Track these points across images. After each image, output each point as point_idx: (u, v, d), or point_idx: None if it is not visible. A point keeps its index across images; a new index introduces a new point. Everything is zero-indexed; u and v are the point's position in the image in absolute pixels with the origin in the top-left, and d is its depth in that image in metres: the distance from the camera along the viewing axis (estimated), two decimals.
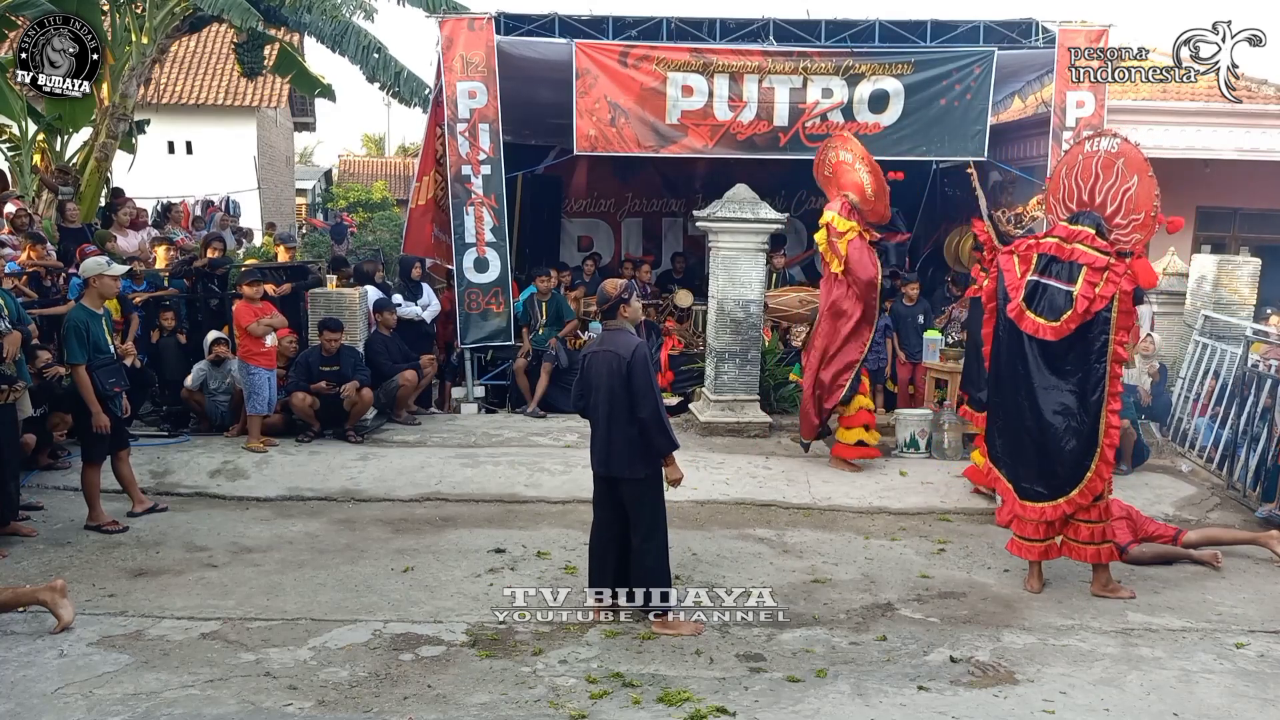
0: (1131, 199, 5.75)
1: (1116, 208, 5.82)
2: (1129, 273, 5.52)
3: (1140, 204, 5.67)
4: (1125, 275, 5.51)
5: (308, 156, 39.35)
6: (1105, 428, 5.64)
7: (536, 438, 8.86)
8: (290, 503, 7.26)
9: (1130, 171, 5.76)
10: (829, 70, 9.88)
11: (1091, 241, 5.63)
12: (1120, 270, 5.51)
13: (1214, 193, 12.37)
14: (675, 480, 5.16)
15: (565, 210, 13.87)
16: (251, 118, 22.40)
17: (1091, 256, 5.57)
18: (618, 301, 5.19)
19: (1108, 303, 5.52)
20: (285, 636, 5.02)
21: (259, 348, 8.23)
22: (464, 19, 9.88)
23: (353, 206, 30.94)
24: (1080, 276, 5.55)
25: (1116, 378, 5.67)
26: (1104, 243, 5.63)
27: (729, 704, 4.38)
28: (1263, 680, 4.80)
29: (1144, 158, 5.81)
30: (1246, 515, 7.36)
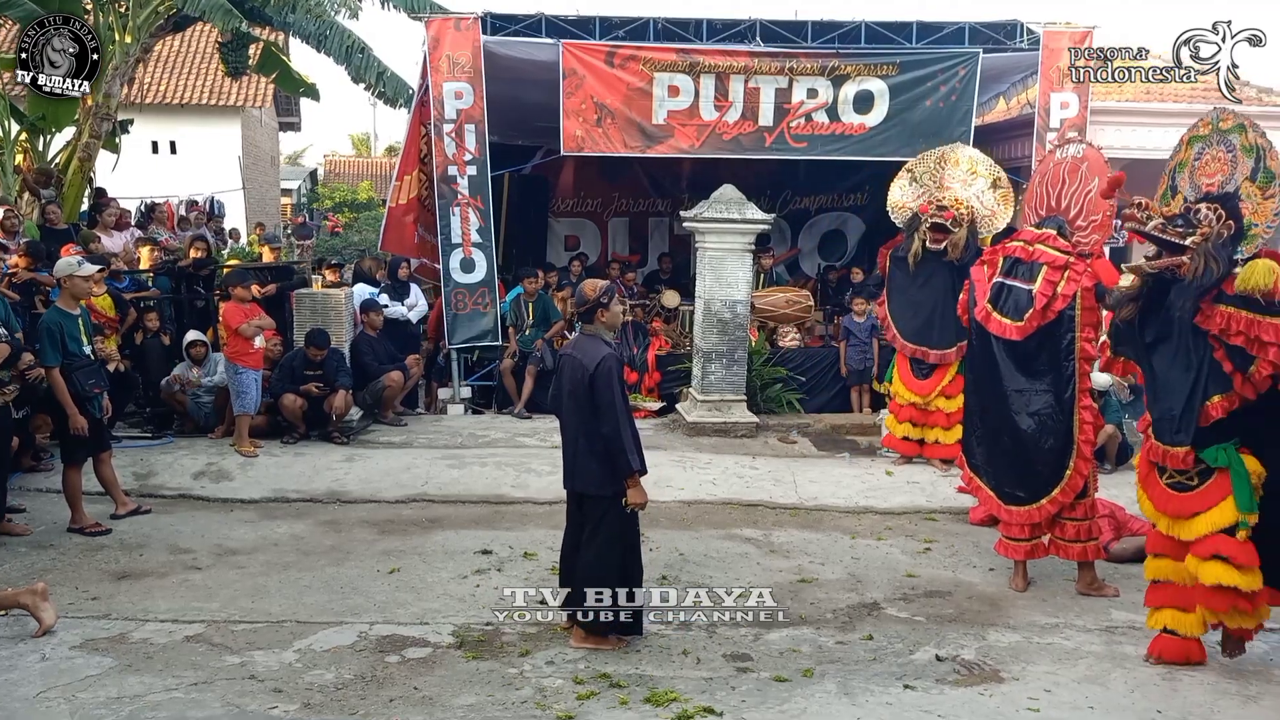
0: (1091, 201, 5.83)
1: (1079, 210, 5.91)
2: (1089, 271, 5.61)
3: (1099, 205, 5.73)
4: (1086, 273, 5.60)
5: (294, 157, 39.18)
6: (1080, 424, 5.72)
7: (523, 438, 8.84)
8: (275, 504, 7.23)
9: (1092, 174, 5.85)
10: (814, 71, 9.90)
11: (1053, 242, 5.74)
12: (1080, 269, 5.63)
13: None
14: (635, 504, 4.82)
15: (552, 210, 13.85)
16: (236, 117, 22.29)
17: (1052, 256, 5.69)
18: (595, 305, 4.92)
19: (1070, 301, 5.63)
20: (270, 639, 5.00)
21: (247, 348, 8.19)
22: (450, 19, 9.85)
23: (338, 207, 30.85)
24: (1040, 275, 5.65)
25: (1086, 375, 5.74)
26: (1065, 243, 5.72)
27: (716, 704, 4.39)
28: (1245, 677, 4.83)
29: (1105, 160, 5.90)
30: None
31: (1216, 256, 4.55)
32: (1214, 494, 4.67)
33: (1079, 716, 4.41)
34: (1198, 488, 4.73)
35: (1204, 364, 4.63)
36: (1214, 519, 4.66)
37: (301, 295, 9.19)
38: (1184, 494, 4.77)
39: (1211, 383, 4.61)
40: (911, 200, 8.39)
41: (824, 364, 10.10)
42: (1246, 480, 4.61)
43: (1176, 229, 4.74)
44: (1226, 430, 4.64)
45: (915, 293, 8.33)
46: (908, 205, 8.42)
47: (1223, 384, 4.59)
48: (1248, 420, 4.61)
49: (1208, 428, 4.64)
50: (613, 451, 4.75)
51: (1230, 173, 4.76)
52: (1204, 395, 4.63)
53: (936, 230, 8.05)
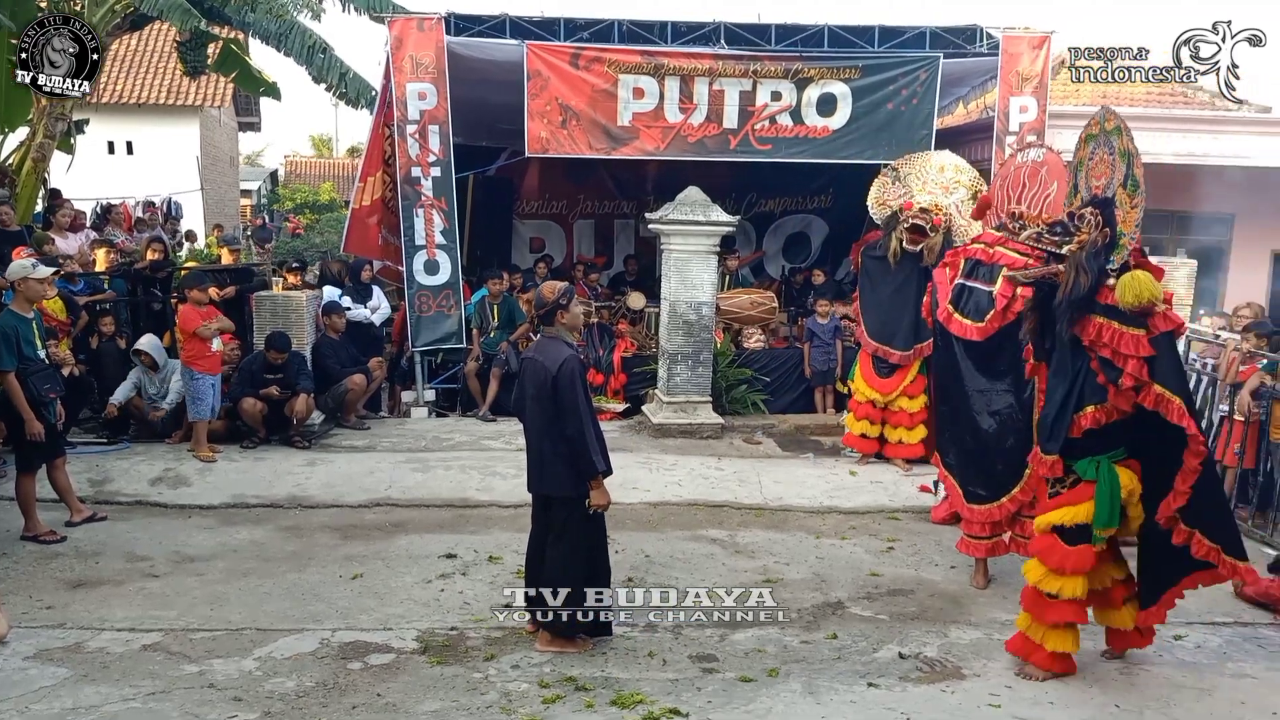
0: (1050, 204, 5.91)
1: (1037, 213, 5.97)
2: None
3: (1057, 208, 5.81)
4: None
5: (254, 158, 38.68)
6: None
7: (488, 441, 8.80)
8: (235, 510, 7.13)
9: (1051, 178, 5.93)
10: (778, 74, 9.96)
11: (1012, 244, 5.79)
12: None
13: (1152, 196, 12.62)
14: (598, 505, 4.81)
15: (517, 212, 13.80)
16: (194, 117, 21.98)
17: (1011, 258, 5.73)
18: (555, 307, 4.87)
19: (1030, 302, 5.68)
20: (230, 647, 4.93)
21: (203, 352, 8.06)
22: (413, 19, 9.78)
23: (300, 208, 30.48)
24: (1000, 277, 5.72)
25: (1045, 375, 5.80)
26: (1023, 245, 5.77)
27: (682, 705, 4.39)
28: (1200, 671, 4.93)
29: (1064, 164, 5.97)
30: None
31: (1085, 267, 4.49)
32: (1074, 496, 4.67)
33: (1039, 712, 4.47)
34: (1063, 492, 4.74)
35: (1080, 374, 4.60)
36: (1057, 515, 4.69)
37: (262, 298, 9.07)
38: (1053, 501, 4.79)
39: (1087, 393, 4.58)
40: (893, 198, 8.43)
41: (788, 365, 10.16)
42: (1109, 496, 4.57)
43: (1053, 238, 4.71)
44: (1110, 441, 4.61)
45: (886, 292, 8.40)
46: (888, 203, 8.45)
47: (1098, 395, 4.55)
48: (1137, 433, 4.58)
49: (1088, 438, 4.59)
50: (577, 453, 4.73)
51: (1111, 176, 4.68)
52: (1077, 405, 4.59)
53: (915, 231, 8.11)
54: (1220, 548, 4.59)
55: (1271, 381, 7.06)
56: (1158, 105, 13.57)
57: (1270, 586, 5.75)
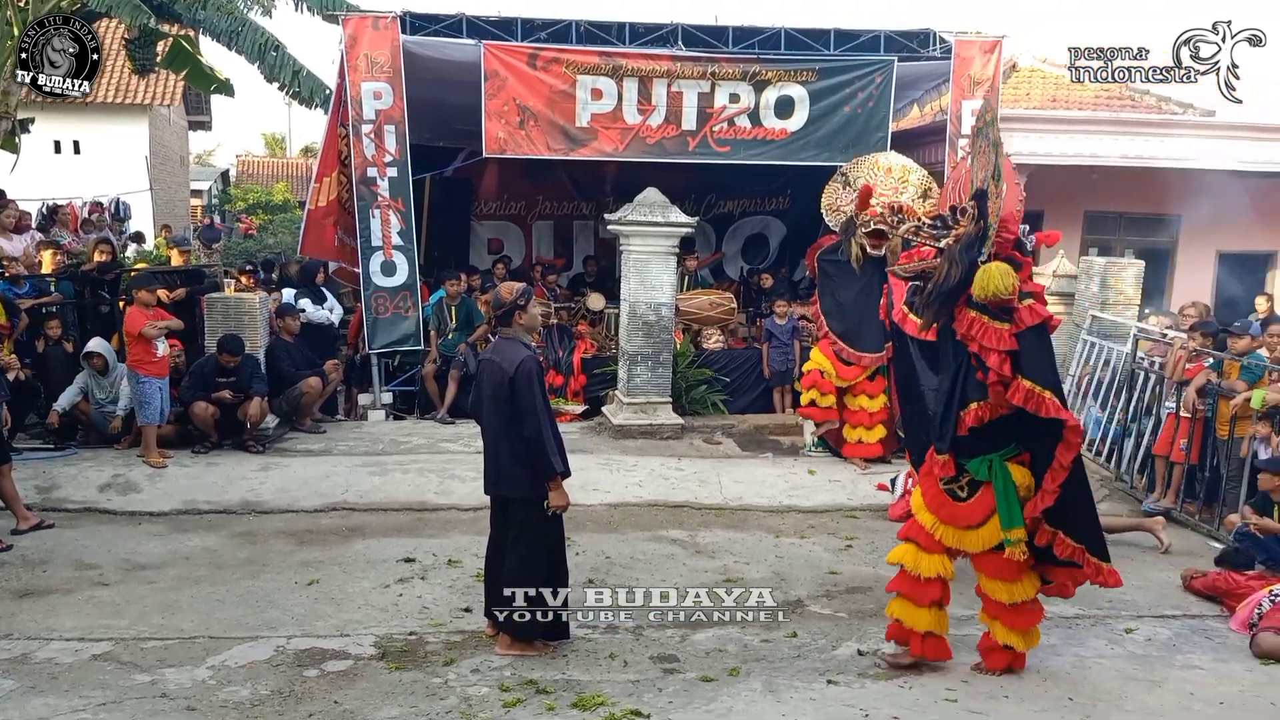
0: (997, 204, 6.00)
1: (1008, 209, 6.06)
2: None
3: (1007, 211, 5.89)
4: None
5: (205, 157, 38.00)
6: None
7: (446, 444, 8.73)
8: (186, 517, 7.00)
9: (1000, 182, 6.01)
10: (736, 76, 10.01)
11: None
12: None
13: (1101, 198, 12.97)
14: (557, 507, 4.79)
15: (475, 213, 13.71)
16: (144, 116, 21.54)
17: None
18: (512, 308, 4.84)
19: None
20: (182, 656, 4.84)
21: (150, 356, 7.90)
22: (368, 17, 9.67)
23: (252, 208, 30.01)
24: None
25: None
26: None
27: (643, 706, 4.39)
28: (1150, 663, 5.04)
29: (1013, 168, 6.07)
30: (1133, 506, 7.72)
31: (957, 260, 4.44)
32: (980, 509, 4.62)
33: (995, 706, 4.54)
34: (967, 500, 4.67)
35: (961, 370, 4.55)
36: (985, 537, 4.63)
37: (214, 300, 8.91)
38: (957, 504, 4.70)
39: (969, 390, 4.52)
40: (845, 203, 8.46)
41: (747, 365, 10.21)
42: (1008, 495, 4.51)
43: (930, 232, 4.66)
44: (1000, 438, 4.56)
45: (850, 295, 8.44)
46: (842, 208, 8.48)
47: (979, 391, 4.49)
48: (1027, 429, 4.50)
49: (976, 436, 4.55)
50: (535, 454, 4.71)
51: (987, 169, 4.62)
52: (961, 402, 4.54)
53: (876, 235, 8.07)
54: (1084, 548, 4.59)
55: (1217, 379, 7.24)
56: (1106, 109, 13.86)
57: (1217, 579, 5.89)
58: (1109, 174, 12.23)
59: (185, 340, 8.89)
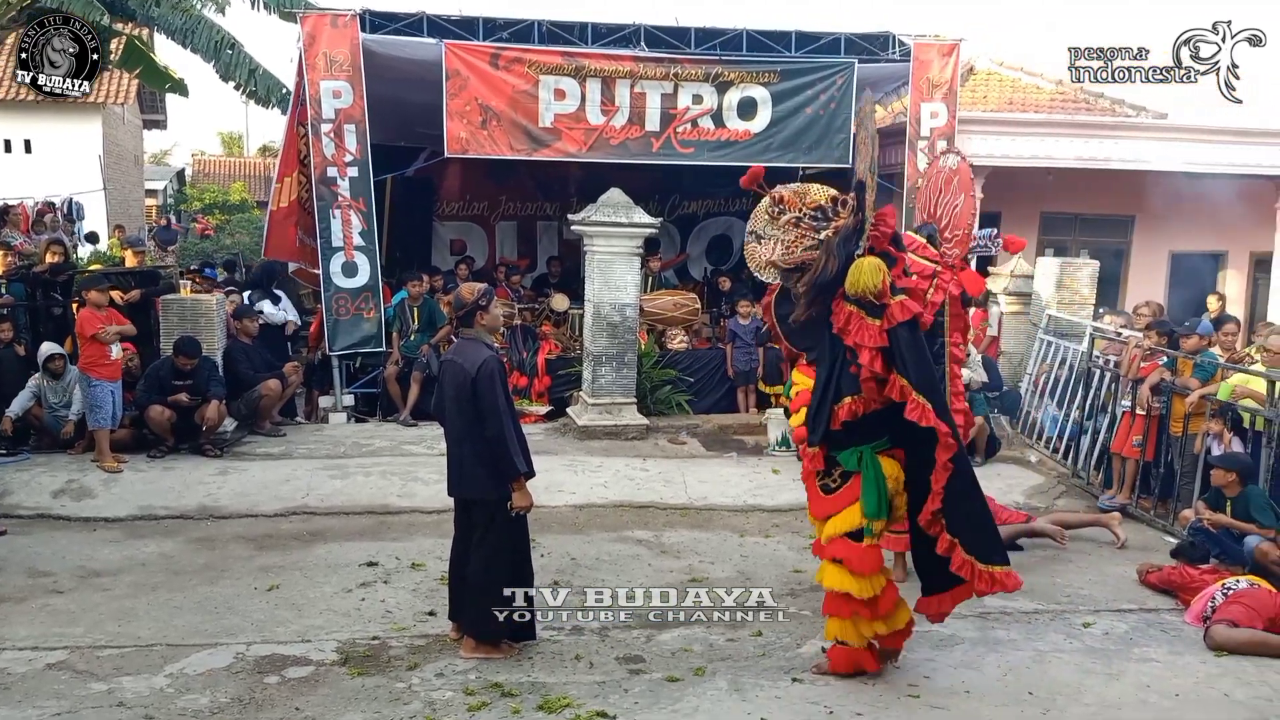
0: (957, 214, 6.09)
1: (948, 221, 6.16)
2: (956, 280, 5.83)
3: (961, 221, 5.99)
4: (953, 282, 5.82)
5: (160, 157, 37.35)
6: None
7: (409, 446, 8.65)
8: (142, 522, 6.87)
9: (960, 189, 6.10)
10: (698, 77, 10.04)
11: (922, 251, 5.95)
12: (947, 278, 5.82)
13: (1056, 199, 13.17)
14: (520, 507, 4.78)
15: (437, 213, 13.62)
16: (97, 115, 21.11)
17: (921, 266, 5.88)
18: (473, 308, 4.82)
19: (939, 309, 5.83)
20: (139, 664, 4.75)
21: (103, 359, 7.75)
22: (326, 15, 9.57)
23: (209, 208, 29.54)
24: None
25: (955, 378, 5.95)
26: (934, 252, 5.94)
27: (609, 707, 4.38)
28: (1108, 657, 5.12)
29: (970, 178, 6.18)
30: (1090, 502, 7.86)
31: (834, 252, 4.38)
32: (846, 497, 4.57)
33: (956, 700, 4.59)
34: (837, 490, 4.63)
35: (836, 364, 4.49)
36: (839, 523, 4.57)
37: (169, 301, 8.76)
38: (828, 496, 4.66)
39: (844, 384, 4.46)
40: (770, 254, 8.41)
41: (711, 365, 10.24)
42: (874, 486, 4.46)
43: (810, 223, 4.55)
44: (871, 431, 4.51)
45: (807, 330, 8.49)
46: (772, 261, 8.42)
47: (854, 386, 4.43)
48: (901, 424, 4.42)
49: (848, 430, 4.47)
50: (498, 454, 4.70)
51: (867, 160, 4.57)
52: (835, 396, 4.47)
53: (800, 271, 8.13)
54: (975, 559, 4.47)
55: (1171, 377, 7.39)
56: (1061, 111, 14.09)
57: (1172, 574, 6.01)
58: (1064, 175, 12.42)
59: (140, 342, 8.74)
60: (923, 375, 4.40)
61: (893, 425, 4.49)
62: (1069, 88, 14.98)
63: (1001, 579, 4.53)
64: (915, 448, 4.52)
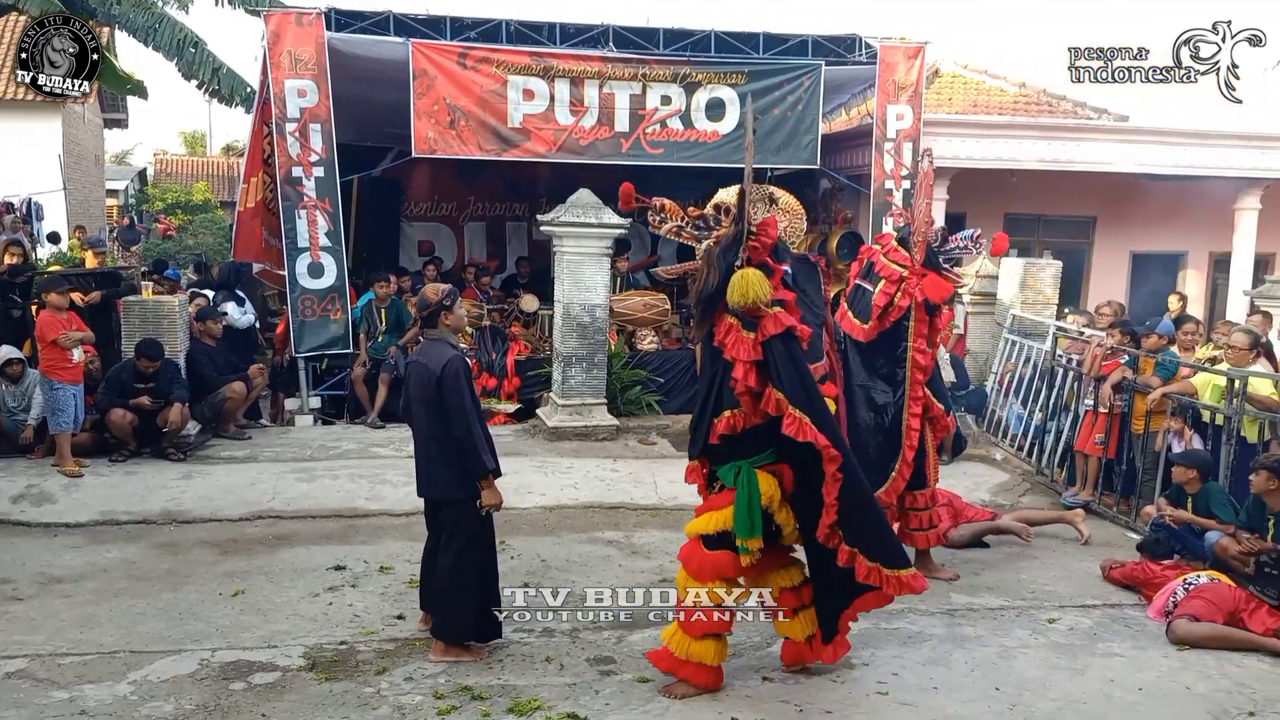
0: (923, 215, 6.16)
1: (920, 222, 6.23)
2: (919, 285, 5.89)
3: (918, 226, 6.05)
4: (919, 287, 5.87)
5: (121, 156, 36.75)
6: (906, 430, 5.96)
7: (377, 449, 8.58)
8: (104, 528, 6.76)
9: (925, 194, 6.17)
10: (667, 78, 10.06)
11: (894, 255, 6.00)
12: (914, 283, 5.87)
13: (1019, 200, 13.35)
14: (489, 505, 4.76)
15: (405, 214, 13.53)
16: (56, 113, 20.71)
17: (890, 270, 5.94)
18: (438, 308, 4.82)
19: (905, 313, 5.88)
20: (102, 671, 4.67)
21: (64, 361, 7.61)
22: (291, 13, 9.48)
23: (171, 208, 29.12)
24: (879, 286, 5.93)
25: (917, 383, 6.00)
26: (904, 255, 5.99)
27: (580, 709, 4.37)
28: (1073, 652, 5.19)
29: (931, 181, 6.24)
30: (1054, 499, 7.96)
31: (715, 263, 4.29)
32: (712, 503, 4.47)
33: (924, 697, 4.63)
34: None
35: (717, 377, 4.38)
36: (699, 523, 4.47)
37: (131, 303, 8.62)
38: None
39: (724, 397, 4.33)
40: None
41: (681, 366, 10.25)
42: (747, 505, 4.29)
43: (692, 233, 4.47)
44: (754, 445, 4.37)
45: None
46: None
47: (733, 399, 4.30)
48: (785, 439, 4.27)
49: (729, 444, 4.37)
50: (464, 454, 4.70)
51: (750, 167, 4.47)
52: (715, 409, 4.37)
53: None
54: (879, 565, 4.40)
55: (1133, 375, 7.50)
56: (1025, 114, 14.28)
57: (1135, 569, 6.11)
58: (1028, 177, 12.59)
59: (101, 345, 8.59)
60: (798, 388, 4.26)
61: (779, 440, 4.32)
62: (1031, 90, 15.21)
63: (909, 581, 4.47)
64: (803, 462, 4.38)
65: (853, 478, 4.36)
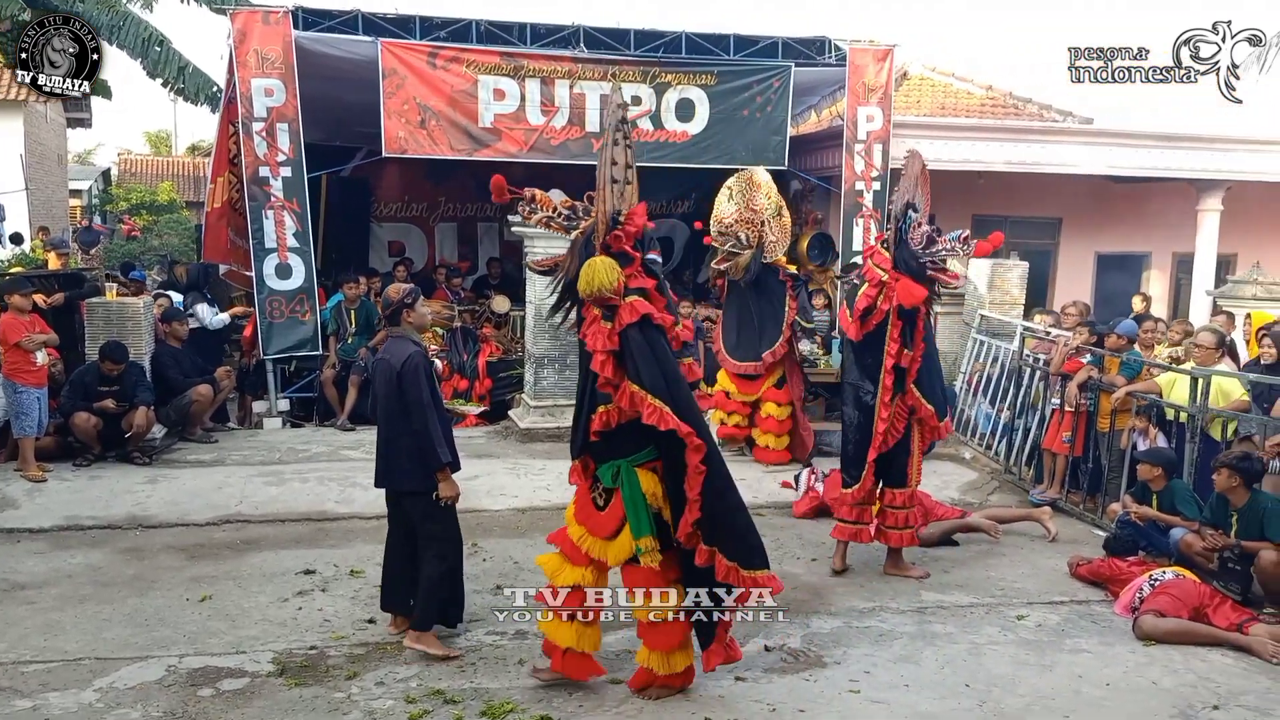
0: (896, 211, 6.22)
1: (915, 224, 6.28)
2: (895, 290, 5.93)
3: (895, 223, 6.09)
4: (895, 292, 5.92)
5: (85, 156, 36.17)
6: (874, 430, 6.01)
7: (347, 451, 8.51)
8: (68, 533, 6.64)
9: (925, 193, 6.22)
10: (637, 78, 10.07)
11: (878, 259, 6.05)
12: (893, 288, 5.91)
13: (986, 202, 13.47)
14: (444, 497, 4.84)
15: (375, 214, 13.43)
16: (18, 113, 20.35)
17: (874, 274, 5.99)
18: (399, 306, 4.97)
19: (885, 316, 5.93)
20: (66, 679, 4.59)
21: (28, 364, 7.48)
22: (258, 12, 9.38)
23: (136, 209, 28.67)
24: (863, 288, 5.99)
25: (886, 390, 6.02)
26: (887, 259, 6.03)
27: (553, 711, 4.36)
28: (1041, 648, 5.25)
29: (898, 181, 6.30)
30: (1022, 497, 8.05)
31: (576, 252, 4.25)
32: (614, 518, 4.35)
33: (896, 694, 4.66)
34: (604, 509, 4.39)
35: (590, 372, 4.27)
36: (620, 548, 4.35)
37: (95, 305, 8.49)
38: (598, 513, 4.43)
39: (598, 392, 4.25)
40: (731, 216, 8.61)
41: None
42: (637, 505, 4.23)
43: (561, 223, 4.37)
44: (632, 443, 4.27)
45: (732, 310, 8.77)
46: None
47: (606, 395, 4.22)
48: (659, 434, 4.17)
49: (607, 441, 4.29)
50: (423, 447, 4.81)
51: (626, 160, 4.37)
52: (591, 405, 4.28)
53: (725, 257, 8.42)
54: (737, 564, 4.28)
55: (1098, 374, 7.60)
56: (991, 116, 14.42)
57: (1101, 566, 6.18)
58: (994, 179, 12.71)
59: (65, 347, 8.45)
60: (656, 376, 4.13)
61: (658, 436, 4.18)
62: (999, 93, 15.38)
63: (765, 583, 4.37)
64: (672, 456, 4.23)
65: (717, 471, 4.25)
